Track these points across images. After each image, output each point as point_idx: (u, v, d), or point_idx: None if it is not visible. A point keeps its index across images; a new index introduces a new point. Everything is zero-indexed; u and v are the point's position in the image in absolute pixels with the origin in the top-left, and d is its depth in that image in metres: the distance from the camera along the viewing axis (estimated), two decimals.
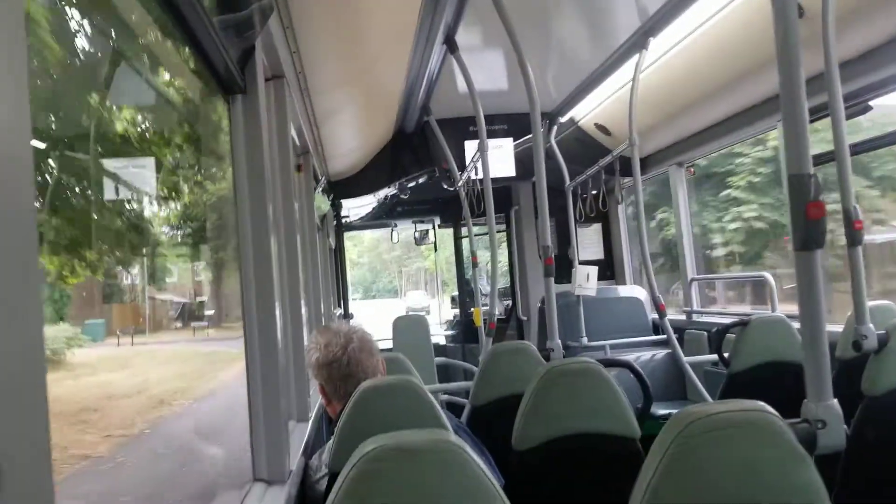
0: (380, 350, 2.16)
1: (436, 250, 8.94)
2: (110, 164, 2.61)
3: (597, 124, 5.37)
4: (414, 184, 5.67)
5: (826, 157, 2.69)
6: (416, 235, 8.39)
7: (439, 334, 7.90)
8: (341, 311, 6.67)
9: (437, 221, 8.21)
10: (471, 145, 5.12)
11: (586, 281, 5.08)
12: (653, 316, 5.35)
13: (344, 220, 7.02)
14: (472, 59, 3.49)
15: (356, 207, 6.98)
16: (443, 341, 7.73)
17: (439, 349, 6.73)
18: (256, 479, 1.80)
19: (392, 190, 5.82)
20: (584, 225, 6.09)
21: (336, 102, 3.96)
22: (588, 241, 6.31)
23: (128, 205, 2.90)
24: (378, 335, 2.24)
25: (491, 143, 3.84)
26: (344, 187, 5.77)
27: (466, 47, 3.41)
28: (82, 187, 2.46)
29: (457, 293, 8.29)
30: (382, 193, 6.02)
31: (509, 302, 7.14)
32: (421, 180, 5.61)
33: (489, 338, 3.68)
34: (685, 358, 4.11)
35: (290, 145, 2.70)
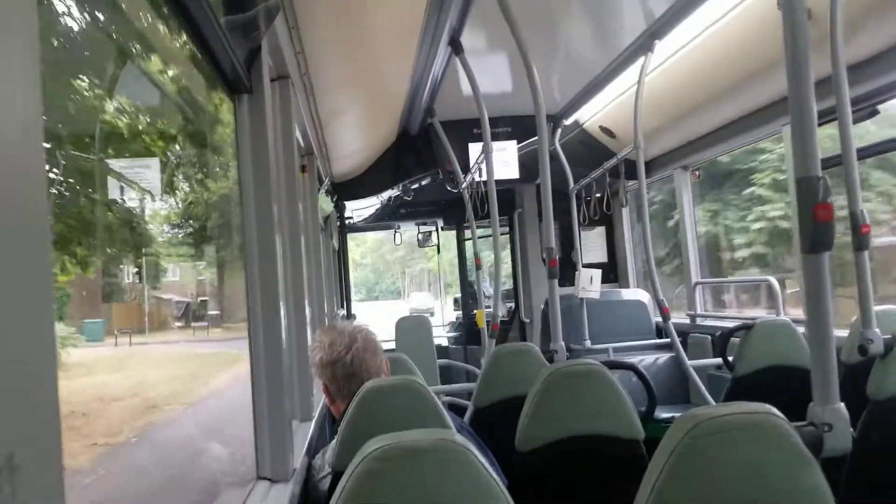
0: (384, 350, 2.16)
1: (438, 252, 8.92)
2: (101, 157, 2.56)
3: (601, 127, 5.36)
4: (417, 186, 5.68)
5: (833, 160, 2.68)
6: (419, 237, 8.39)
7: (442, 336, 7.89)
8: (344, 312, 6.68)
9: (441, 223, 8.20)
10: (475, 147, 5.11)
11: (590, 284, 5.08)
12: (656, 319, 5.33)
13: (347, 222, 7.04)
14: (476, 60, 3.48)
15: (360, 209, 7.00)
16: (445, 343, 7.73)
17: (441, 350, 6.73)
18: (260, 478, 1.80)
19: (395, 192, 5.82)
20: (587, 228, 6.09)
21: (340, 103, 3.96)
22: (592, 245, 6.30)
23: (120, 200, 2.84)
24: (380, 336, 2.24)
25: (495, 146, 3.84)
26: (347, 189, 5.78)
27: (471, 49, 3.40)
28: (71, 181, 2.42)
29: (460, 295, 8.28)
30: (386, 195, 6.02)
31: (512, 304, 7.13)
32: (424, 182, 5.61)
33: (492, 339, 3.67)
34: (689, 361, 4.10)
35: (294, 146, 2.70)
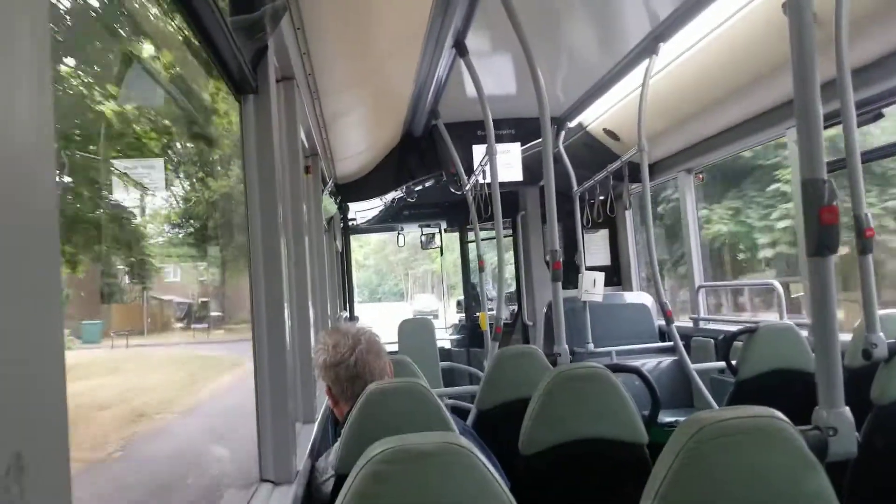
0: (387, 353, 2.16)
1: (442, 254, 8.92)
2: (92, 152, 2.50)
3: (605, 129, 5.36)
4: (421, 187, 5.68)
5: (837, 164, 2.68)
6: (422, 239, 8.39)
7: (444, 338, 7.88)
8: (347, 313, 6.68)
9: (444, 225, 8.20)
10: (478, 149, 5.11)
11: (593, 287, 5.07)
12: (659, 322, 5.33)
13: (350, 223, 7.04)
14: (480, 63, 3.48)
15: (363, 210, 7.00)
16: (447, 345, 7.72)
17: (444, 353, 6.73)
18: (263, 480, 1.80)
19: (399, 193, 5.82)
20: (591, 231, 6.08)
21: (345, 105, 3.96)
22: (595, 247, 6.29)
23: (113, 197, 2.79)
24: (383, 339, 2.24)
25: (499, 148, 3.83)
26: (351, 190, 5.78)
27: (476, 51, 3.40)
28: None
29: (462, 297, 8.29)
30: (389, 197, 6.02)
31: (515, 307, 7.13)
32: (428, 184, 5.61)
33: (495, 342, 3.67)
34: (692, 365, 4.09)
35: (299, 147, 2.70)
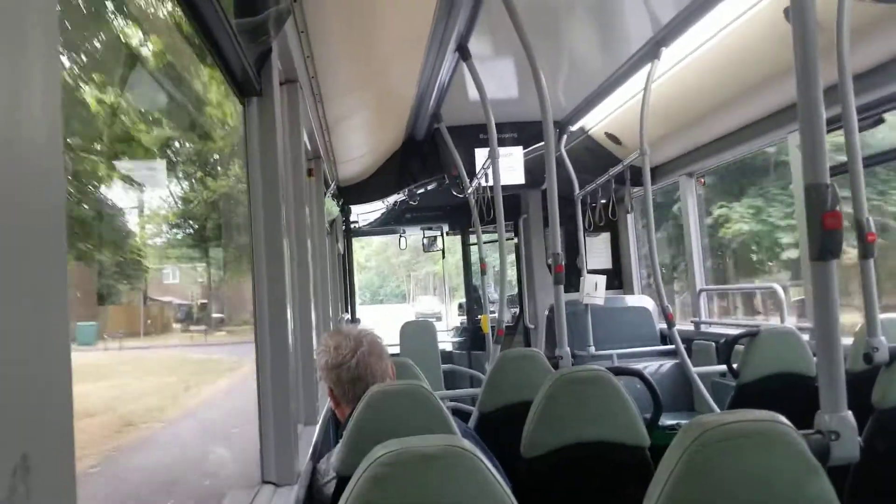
0: (389, 355, 2.16)
1: (444, 257, 8.92)
2: (77, 146, 2.39)
3: (607, 133, 5.37)
4: (423, 190, 5.69)
5: (839, 168, 2.68)
6: (424, 242, 8.40)
7: (446, 341, 7.88)
8: (348, 315, 6.68)
9: (446, 228, 8.21)
10: (481, 153, 5.12)
11: (594, 290, 5.07)
12: (661, 326, 5.33)
13: (353, 226, 7.05)
14: (483, 66, 3.48)
15: (365, 213, 7.01)
16: (449, 348, 7.72)
17: (445, 356, 6.72)
18: (265, 482, 1.80)
19: (401, 196, 5.83)
20: (592, 234, 6.08)
21: (347, 108, 3.97)
22: (596, 251, 6.30)
23: (100, 193, 2.69)
24: (385, 341, 2.24)
25: (501, 151, 3.84)
26: (353, 193, 5.79)
27: (478, 55, 3.40)
28: None
29: (464, 300, 8.29)
30: (391, 199, 6.03)
31: (517, 310, 7.13)
32: (430, 187, 5.62)
33: (497, 345, 3.67)
34: (693, 368, 4.09)
35: (302, 149, 2.71)
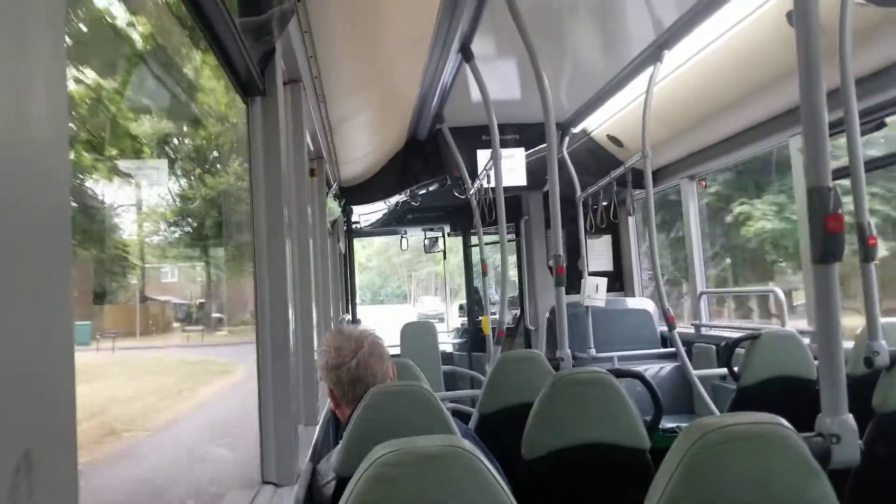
0: (391, 356, 2.16)
1: (445, 258, 8.92)
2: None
3: (609, 136, 5.37)
4: (425, 191, 5.69)
5: (841, 172, 2.68)
6: (425, 243, 8.40)
7: (446, 342, 7.88)
8: (349, 316, 6.68)
9: (447, 229, 8.21)
10: (483, 154, 5.12)
11: (595, 292, 5.07)
12: (661, 328, 5.32)
13: (354, 226, 7.05)
14: (486, 67, 3.48)
15: (367, 213, 7.01)
16: (449, 349, 7.72)
17: (446, 357, 6.72)
18: (265, 482, 1.80)
19: (403, 197, 5.83)
20: (593, 236, 6.08)
21: (350, 108, 3.97)
22: (598, 253, 6.30)
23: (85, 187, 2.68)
24: (385, 342, 2.23)
25: (503, 153, 3.84)
26: (355, 193, 5.79)
27: (481, 56, 3.40)
28: None
29: (465, 301, 8.29)
30: (393, 200, 6.03)
31: (517, 311, 7.13)
32: (432, 188, 5.62)
33: (498, 346, 3.67)
34: (694, 371, 4.09)
35: (305, 149, 2.71)
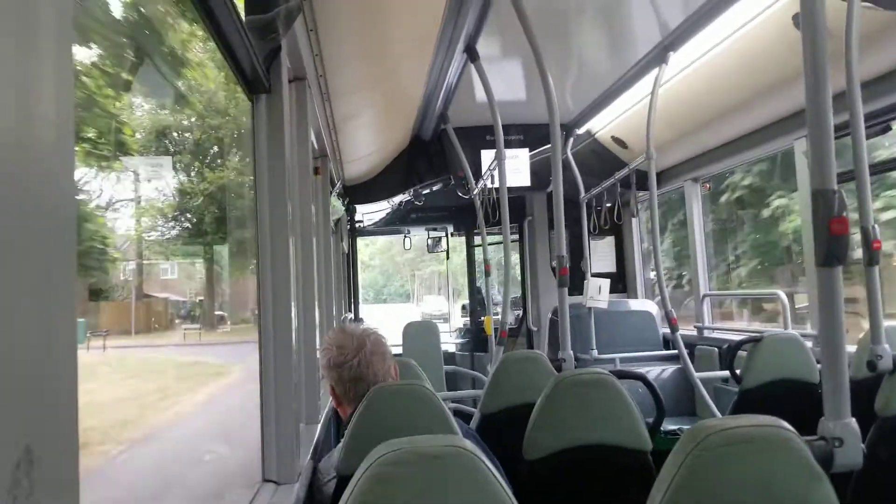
0: (393, 355, 2.16)
1: (448, 258, 8.92)
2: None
3: (613, 137, 5.36)
4: (428, 191, 5.69)
5: (845, 175, 2.67)
6: (428, 243, 8.39)
7: (448, 342, 7.88)
8: (352, 315, 6.69)
9: (450, 229, 8.21)
10: (487, 154, 5.12)
11: (598, 293, 5.07)
12: (664, 330, 5.32)
13: (357, 225, 7.06)
14: (491, 67, 3.48)
15: (370, 212, 7.01)
16: (451, 349, 7.72)
17: (448, 356, 6.72)
18: (266, 480, 1.80)
19: (406, 196, 5.83)
20: (597, 237, 6.08)
21: (355, 107, 3.97)
22: (601, 254, 6.30)
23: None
24: (388, 341, 2.23)
25: (507, 153, 3.85)
26: (359, 192, 5.80)
27: (486, 56, 3.40)
28: None
29: (468, 301, 8.28)
30: (397, 200, 6.04)
31: (520, 312, 7.12)
32: (436, 188, 5.62)
33: (500, 347, 3.67)
34: (696, 373, 4.09)
35: (309, 147, 2.71)
